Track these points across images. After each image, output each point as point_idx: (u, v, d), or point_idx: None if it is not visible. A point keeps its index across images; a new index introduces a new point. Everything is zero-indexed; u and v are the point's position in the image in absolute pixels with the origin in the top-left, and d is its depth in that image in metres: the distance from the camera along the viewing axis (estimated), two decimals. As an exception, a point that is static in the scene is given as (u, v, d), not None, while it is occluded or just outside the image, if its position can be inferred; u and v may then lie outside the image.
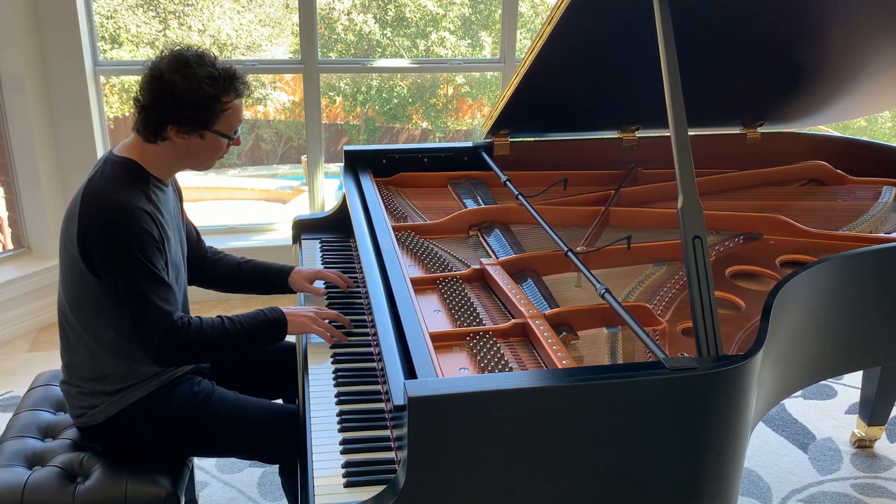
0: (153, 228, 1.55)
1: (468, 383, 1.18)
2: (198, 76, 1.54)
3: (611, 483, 1.27)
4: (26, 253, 3.45)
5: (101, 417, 1.66)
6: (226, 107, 1.58)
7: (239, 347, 1.65)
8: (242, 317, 1.67)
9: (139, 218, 1.53)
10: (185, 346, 1.57)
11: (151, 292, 1.53)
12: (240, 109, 1.63)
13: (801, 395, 2.87)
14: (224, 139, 1.63)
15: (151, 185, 1.62)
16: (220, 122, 1.59)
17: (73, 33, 3.21)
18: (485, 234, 2.01)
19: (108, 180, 1.56)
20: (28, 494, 1.56)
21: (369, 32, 8.10)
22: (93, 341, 1.63)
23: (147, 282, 1.53)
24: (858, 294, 1.80)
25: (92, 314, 1.61)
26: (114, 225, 1.51)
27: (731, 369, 1.26)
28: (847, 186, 2.39)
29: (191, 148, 1.61)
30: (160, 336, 1.54)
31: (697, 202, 1.36)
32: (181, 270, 1.73)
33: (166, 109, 1.55)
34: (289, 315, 1.69)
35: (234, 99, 1.60)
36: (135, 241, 1.52)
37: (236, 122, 1.63)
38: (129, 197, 1.54)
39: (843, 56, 2.20)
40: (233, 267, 1.95)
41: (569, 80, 2.17)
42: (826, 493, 2.37)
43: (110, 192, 1.54)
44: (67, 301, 1.64)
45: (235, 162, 8.98)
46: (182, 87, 1.53)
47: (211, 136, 1.60)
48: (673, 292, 1.75)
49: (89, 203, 1.54)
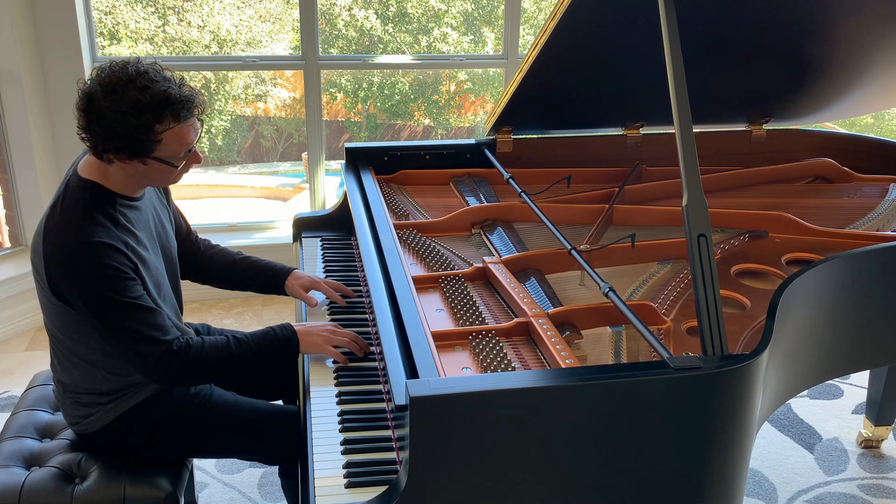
0: (121, 261, 1.47)
1: (470, 383, 1.18)
2: (123, 105, 1.42)
3: (615, 483, 1.26)
4: (24, 251, 3.44)
5: (97, 425, 1.64)
6: (158, 137, 1.45)
7: (247, 368, 1.59)
8: (251, 335, 1.61)
9: (102, 255, 1.45)
10: (186, 368, 1.52)
11: (133, 323, 1.47)
12: (183, 133, 1.49)
13: (807, 395, 2.87)
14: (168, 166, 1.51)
15: (118, 206, 1.54)
16: (156, 150, 1.48)
17: (71, 29, 3.20)
18: (487, 232, 2.00)
19: (68, 211, 1.48)
20: (25, 495, 1.55)
21: (371, 28, 8.09)
22: (81, 362, 1.60)
23: (127, 315, 1.46)
24: (865, 293, 1.79)
25: (74, 339, 1.58)
26: (77, 268, 1.44)
27: (737, 369, 1.25)
28: (854, 184, 2.38)
29: (139, 172, 1.52)
30: (154, 363, 1.49)
31: (702, 200, 1.35)
32: (164, 283, 1.66)
33: (97, 137, 1.45)
34: (301, 334, 1.62)
35: (171, 126, 1.46)
36: (102, 281, 1.44)
37: (180, 146, 1.50)
38: (90, 232, 1.46)
39: (849, 52, 2.19)
40: (227, 262, 1.90)
41: (572, 77, 2.16)
42: (832, 493, 2.36)
43: (70, 228, 1.46)
44: (49, 325, 1.61)
45: (235, 159, 8.98)
46: (108, 115, 1.42)
47: (153, 162, 1.50)
48: (678, 291, 1.74)
49: (51, 241, 1.48)
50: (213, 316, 3.47)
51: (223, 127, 8.66)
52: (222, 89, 8.42)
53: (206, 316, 3.46)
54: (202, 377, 1.59)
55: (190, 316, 3.39)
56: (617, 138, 2.47)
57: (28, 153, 3.28)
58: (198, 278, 1.91)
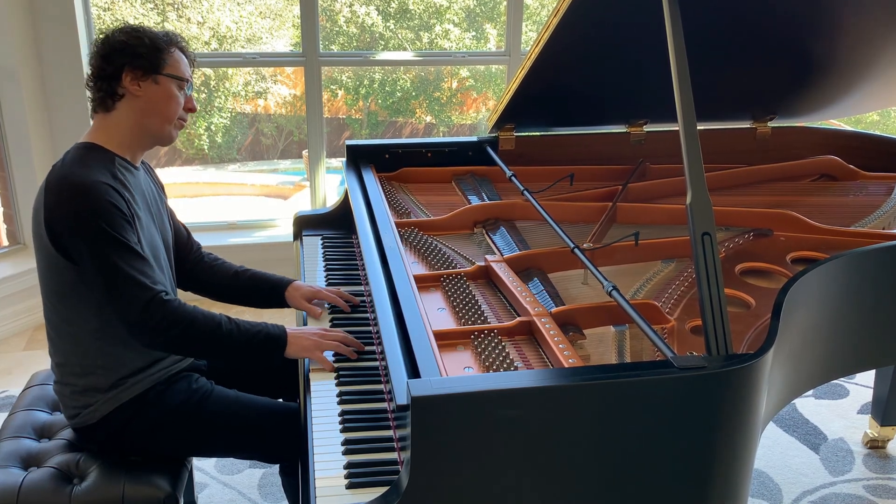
0: (119, 201, 1.54)
1: (472, 382, 1.17)
2: (139, 29, 1.65)
3: (618, 484, 1.26)
4: (22, 249, 3.43)
5: (96, 417, 1.64)
6: (171, 49, 1.65)
7: (229, 349, 1.59)
8: (244, 321, 1.63)
9: (102, 191, 1.52)
10: (170, 324, 1.51)
11: (124, 263, 1.50)
12: (186, 64, 1.68)
13: (812, 395, 2.86)
14: (178, 82, 1.65)
15: (117, 165, 1.62)
16: (169, 64, 1.64)
17: (69, 25, 3.19)
18: (490, 231, 2.00)
19: (69, 164, 1.57)
20: (23, 496, 1.54)
21: (372, 24, 8.08)
22: (78, 332, 1.61)
23: (118, 253, 1.50)
24: (871, 291, 1.79)
25: (72, 304, 1.59)
26: (77, 202, 1.50)
27: (741, 368, 1.24)
28: (859, 182, 2.38)
29: (147, 100, 1.62)
30: (139, 307, 1.49)
31: (707, 198, 1.34)
32: (161, 255, 1.70)
33: (118, 58, 1.60)
34: (291, 336, 1.63)
35: (174, 50, 1.66)
36: (100, 214, 1.50)
37: (185, 70, 1.68)
38: (90, 174, 1.54)
39: (855, 48, 2.19)
40: (228, 275, 1.90)
41: (575, 73, 2.15)
42: (838, 494, 2.35)
43: (71, 173, 1.54)
44: (48, 296, 1.63)
45: (235, 157, 8.98)
46: (129, 37, 1.62)
47: (164, 80, 1.63)
48: (682, 290, 1.73)
49: (51, 188, 1.54)
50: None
51: (223, 124, 8.65)
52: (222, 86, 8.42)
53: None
54: (184, 342, 1.56)
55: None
56: (620, 136, 2.46)
57: (26, 150, 3.27)
58: (198, 290, 1.92)
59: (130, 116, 1.63)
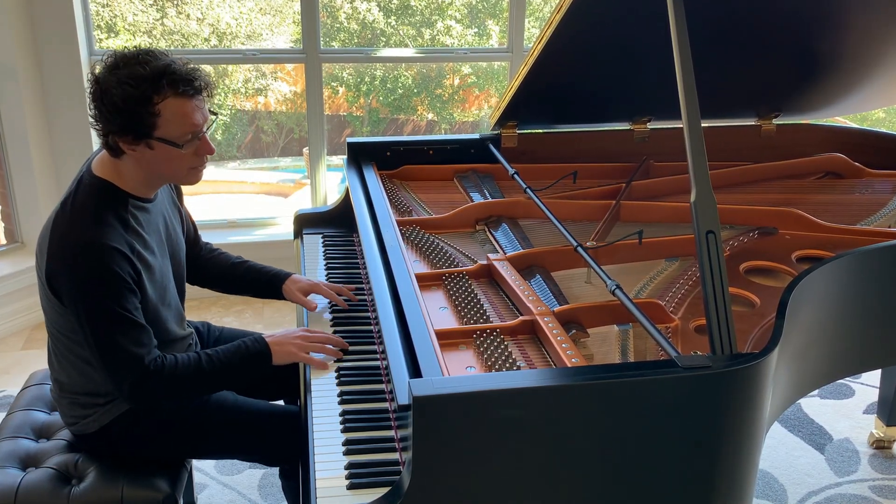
0: (124, 268, 1.46)
1: (475, 382, 1.17)
2: (123, 77, 1.41)
3: (621, 484, 1.25)
4: (20, 248, 3.42)
5: (94, 427, 1.63)
6: (156, 109, 1.42)
7: (219, 382, 1.58)
8: (221, 350, 1.58)
9: (107, 258, 1.43)
10: (158, 388, 1.50)
11: (121, 336, 1.45)
12: (185, 111, 1.45)
13: (817, 395, 2.85)
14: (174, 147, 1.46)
15: (130, 207, 1.53)
16: (158, 127, 1.44)
17: (68, 21, 3.17)
18: (492, 229, 1.99)
19: (79, 209, 1.47)
20: (21, 497, 1.53)
21: (373, 21, 8.05)
22: (79, 361, 1.59)
23: (116, 328, 1.45)
24: (877, 290, 1.78)
25: (72, 338, 1.56)
26: (79, 268, 1.43)
27: (746, 368, 1.24)
28: (865, 179, 2.37)
29: (148, 161, 1.49)
30: (130, 381, 1.48)
31: (711, 196, 1.34)
32: (169, 287, 1.65)
33: (103, 118, 1.44)
34: (273, 344, 1.59)
35: (168, 98, 1.43)
36: (102, 285, 1.43)
37: (183, 125, 1.46)
38: (99, 233, 1.44)
39: (861, 45, 2.18)
40: (226, 266, 1.89)
41: (579, 70, 2.14)
42: (843, 495, 2.34)
43: (78, 227, 1.45)
44: (48, 322, 1.60)
45: (235, 154, 8.96)
46: (110, 90, 1.42)
47: (159, 145, 1.46)
48: (686, 288, 1.73)
49: (58, 239, 1.46)
50: (212, 314, 3.45)
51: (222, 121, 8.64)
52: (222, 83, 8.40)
53: (205, 314, 3.44)
54: (173, 395, 1.56)
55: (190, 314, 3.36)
56: (624, 133, 2.45)
57: (24, 148, 3.25)
58: (196, 281, 1.90)
59: (138, 169, 1.51)
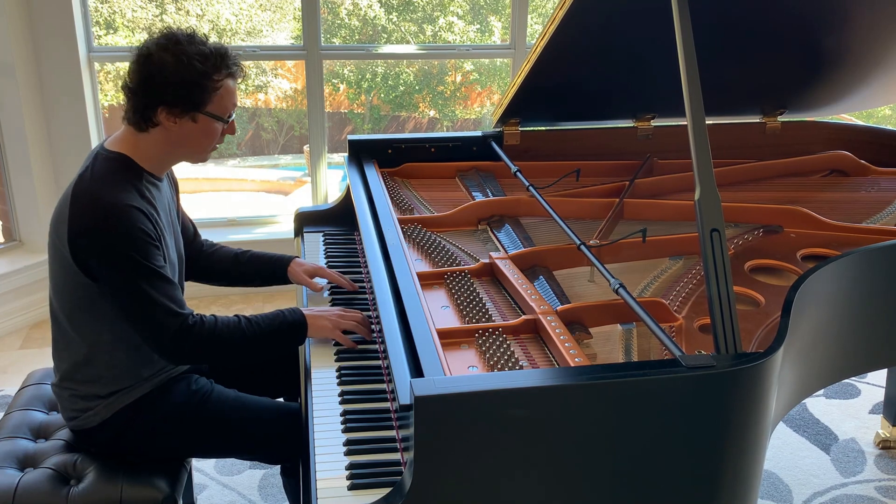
0: (148, 226, 1.50)
1: (477, 382, 1.16)
2: (188, 53, 1.49)
3: (625, 484, 1.25)
4: (18, 246, 3.41)
5: (95, 421, 1.62)
6: (217, 85, 1.53)
7: (256, 349, 1.60)
8: (261, 317, 1.62)
9: (133, 217, 1.47)
10: (200, 344, 1.53)
11: (156, 291, 1.49)
12: (233, 92, 1.57)
13: (823, 395, 2.85)
14: (218, 123, 1.57)
15: (145, 181, 1.57)
16: (212, 102, 1.54)
17: (66, 18, 3.16)
18: (494, 228, 1.98)
19: (98, 178, 1.51)
20: (20, 497, 1.53)
21: (374, 17, 8.05)
22: (86, 344, 1.59)
23: (150, 282, 1.48)
24: (883, 289, 1.77)
25: (85, 317, 1.57)
26: (107, 226, 1.46)
27: (751, 367, 1.24)
28: (871, 177, 2.36)
29: (183, 134, 1.55)
30: (171, 335, 1.50)
31: (715, 194, 1.33)
32: (177, 268, 1.68)
33: (156, 90, 1.49)
34: (309, 318, 1.62)
35: (225, 78, 1.55)
36: (131, 242, 1.47)
37: (230, 104, 1.57)
38: (120, 195, 1.49)
39: (867, 42, 2.17)
40: (229, 259, 1.90)
41: (582, 67, 2.14)
42: (849, 495, 2.34)
43: (101, 190, 1.49)
44: (58, 302, 1.60)
45: (235, 152, 8.96)
46: (172, 65, 1.48)
47: (203, 119, 1.54)
48: (690, 287, 1.72)
49: (79, 203, 1.49)
50: (211, 313, 3.45)
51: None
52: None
53: (205, 313, 3.44)
54: (213, 355, 1.59)
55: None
56: (627, 130, 2.45)
57: (22, 146, 3.24)
58: (200, 278, 1.91)
59: (162, 144, 1.56)
